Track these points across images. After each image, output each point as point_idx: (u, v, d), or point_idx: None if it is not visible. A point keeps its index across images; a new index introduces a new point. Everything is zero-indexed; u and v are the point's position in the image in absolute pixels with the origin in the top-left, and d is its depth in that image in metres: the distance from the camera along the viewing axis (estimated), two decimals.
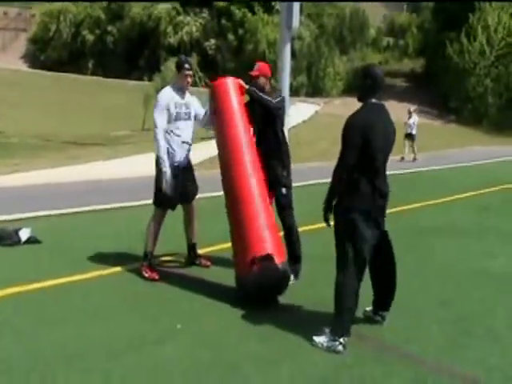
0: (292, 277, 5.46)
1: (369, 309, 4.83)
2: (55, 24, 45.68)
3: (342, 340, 4.27)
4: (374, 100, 4.34)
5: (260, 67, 5.69)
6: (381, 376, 3.96)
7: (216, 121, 5.61)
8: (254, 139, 5.57)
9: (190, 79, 5.68)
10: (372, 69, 4.47)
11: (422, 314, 4.81)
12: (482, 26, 32.01)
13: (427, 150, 19.56)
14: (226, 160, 5.44)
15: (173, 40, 41.48)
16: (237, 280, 5.18)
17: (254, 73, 5.65)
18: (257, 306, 4.94)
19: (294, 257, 5.66)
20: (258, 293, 4.97)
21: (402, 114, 18.79)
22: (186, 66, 5.63)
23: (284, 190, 5.56)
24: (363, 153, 4.20)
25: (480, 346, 4.53)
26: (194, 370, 3.87)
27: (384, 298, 4.74)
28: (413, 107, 20.92)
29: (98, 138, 17.72)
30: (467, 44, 32.29)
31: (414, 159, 18.45)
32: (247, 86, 5.56)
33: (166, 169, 5.51)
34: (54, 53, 46.19)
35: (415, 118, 19.43)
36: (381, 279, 4.71)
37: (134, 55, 42.36)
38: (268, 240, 5.05)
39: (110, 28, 44.62)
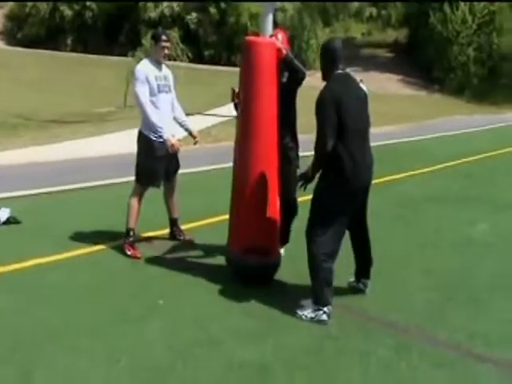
0: (282, 251, 5.40)
1: (352, 279, 4.88)
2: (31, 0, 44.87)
3: (325, 309, 4.30)
4: (338, 71, 4.39)
5: (285, 38, 5.25)
6: (365, 346, 3.99)
7: (244, 83, 4.98)
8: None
9: (166, 51, 5.62)
10: (329, 43, 4.56)
11: (405, 282, 4.85)
12: None
13: (411, 120, 19.56)
14: (249, 132, 4.92)
15: (154, 14, 40.85)
16: (229, 255, 5.11)
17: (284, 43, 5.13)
18: (240, 281, 4.94)
19: (288, 232, 5.53)
20: (245, 277, 4.95)
21: (387, 85, 18.60)
22: (163, 37, 5.55)
23: (297, 168, 5.25)
24: (340, 124, 4.19)
25: (462, 312, 4.59)
26: (178, 345, 3.88)
27: (363, 266, 4.79)
28: (359, 77, 19.35)
29: (80, 115, 17.49)
30: (450, 13, 32.23)
31: None
32: (285, 52, 4.94)
33: (167, 135, 5.47)
34: (31, 29, 45.31)
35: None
36: (359, 249, 4.76)
37: (114, 30, 41.67)
38: (274, 229, 4.98)
39: (88, 3, 43.82)
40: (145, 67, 5.53)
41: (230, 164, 5.25)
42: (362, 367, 3.71)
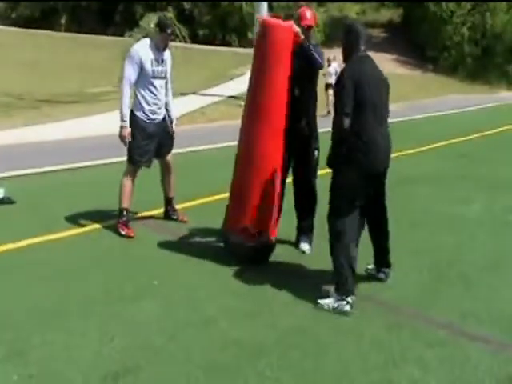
0: (307, 246, 5.37)
1: (371, 267, 4.77)
2: None
3: (349, 299, 4.16)
4: (359, 54, 4.31)
5: (314, 15, 5.13)
6: (357, 324, 4.00)
7: (257, 64, 4.92)
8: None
9: (168, 43, 5.58)
10: (352, 24, 4.51)
11: (398, 262, 4.84)
12: None
13: (405, 99, 19.51)
14: (257, 114, 4.87)
15: None
16: (226, 234, 5.11)
17: (309, 22, 5.05)
18: (234, 261, 4.94)
19: (311, 225, 5.44)
20: (241, 257, 4.95)
21: (381, 64, 18.49)
22: (169, 30, 5.51)
23: (316, 152, 5.23)
24: (358, 104, 4.12)
25: (454, 291, 4.60)
26: (171, 325, 3.88)
27: (382, 254, 4.67)
28: (332, 55, 18.41)
29: (73, 95, 17.39)
30: None
31: (328, 112, 16.05)
32: (302, 37, 4.87)
33: (126, 124, 5.45)
34: (26, 10, 44.96)
35: (335, 66, 17.79)
36: (375, 238, 4.64)
37: (108, 10, 41.33)
38: (271, 212, 4.90)
39: None
40: (142, 49, 5.47)
41: (223, 144, 5.23)
42: (355, 346, 3.72)
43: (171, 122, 5.84)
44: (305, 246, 5.38)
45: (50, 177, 7.83)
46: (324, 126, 5.35)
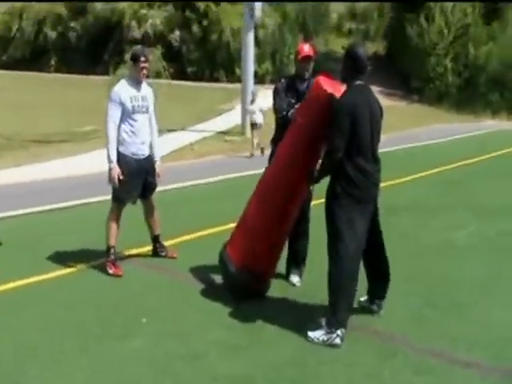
0: (297, 278, 5.35)
1: (363, 298, 4.71)
2: (17, 23, 44.96)
3: (339, 332, 4.11)
4: (357, 82, 4.26)
5: (311, 47, 5.23)
6: (349, 354, 3.99)
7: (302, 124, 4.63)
8: None
9: (145, 71, 5.54)
10: (353, 49, 4.39)
11: (389, 291, 4.84)
12: (440, 8, 32.53)
13: (392, 130, 19.62)
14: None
15: (137, 33, 40.93)
16: (225, 262, 4.94)
17: (311, 53, 5.15)
18: (222, 295, 4.93)
19: (303, 258, 5.42)
20: (236, 290, 4.90)
21: None
22: (142, 58, 5.49)
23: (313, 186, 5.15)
24: (352, 135, 4.09)
25: (444, 318, 4.61)
26: (160, 360, 3.86)
27: (378, 286, 4.62)
28: (253, 87, 16.69)
29: (63, 135, 17.43)
30: (426, 26, 32.69)
31: (252, 154, 14.18)
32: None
33: (114, 165, 5.42)
34: (16, 51, 45.36)
35: (259, 103, 14.79)
36: (373, 267, 4.59)
37: (97, 50, 41.69)
38: (277, 255, 4.92)
39: (72, 24, 43.96)
40: (121, 88, 5.49)
41: (210, 179, 5.26)
42: (346, 376, 3.71)
43: (155, 161, 5.79)
44: (295, 279, 5.36)
45: (38, 216, 7.80)
46: (248, 169, 5.37)
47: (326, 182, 4.36)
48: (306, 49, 5.21)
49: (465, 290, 5.21)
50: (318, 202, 4.50)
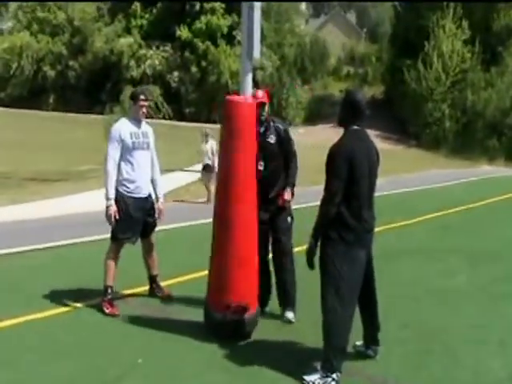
0: (292, 314, 5.37)
1: (359, 343, 4.68)
2: (16, 61, 45.42)
3: (334, 376, 4.10)
4: (355, 127, 4.27)
5: (265, 93, 5.45)
6: None
7: (226, 141, 4.94)
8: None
9: (145, 110, 5.62)
10: (351, 94, 4.40)
11: (383, 335, 4.82)
12: (438, 53, 32.89)
13: (389, 174, 19.74)
14: (230, 187, 4.87)
15: (135, 73, 41.43)
16: (207, 310, 5.04)
17: (264, 99, 5.36)
18: (218, 337, 4.90)
19: (292, 297, 5.45)
20: (223, 333, 4.89)
21: None
22: (141, 97, 5.58)
23: (289, 219, 5.38)
24: (349, 181, 4.07)
25: (439, 364, 4.60)
26: None
27: (372, 332, 4.60)
28: (207, 128, 16.11)
29: (60, 173, 17.51)
30: (424, 71, 33.05)
31: (208, 200, 13.36)
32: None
33: (111, 202, 5.43)
34: (15, 90, 45.78)
35: (211, 144, 14.09)
36: (366, 313, 4.56)
37: (96, 89, 42.11)
38: (254, 286, 4.93)
39: (71, 63, 44.49)
40: (121, 125, 5.55)
41: (208, 220, 5.28)
42: None
43: (157, 200, 5.81)
44: (289, 315, 5.37)
45: (34, 255, 7.78)
46: (204, 217, 5.39)
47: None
48: (260, 94, 5.38)
49: (459, 337, 5.22)
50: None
